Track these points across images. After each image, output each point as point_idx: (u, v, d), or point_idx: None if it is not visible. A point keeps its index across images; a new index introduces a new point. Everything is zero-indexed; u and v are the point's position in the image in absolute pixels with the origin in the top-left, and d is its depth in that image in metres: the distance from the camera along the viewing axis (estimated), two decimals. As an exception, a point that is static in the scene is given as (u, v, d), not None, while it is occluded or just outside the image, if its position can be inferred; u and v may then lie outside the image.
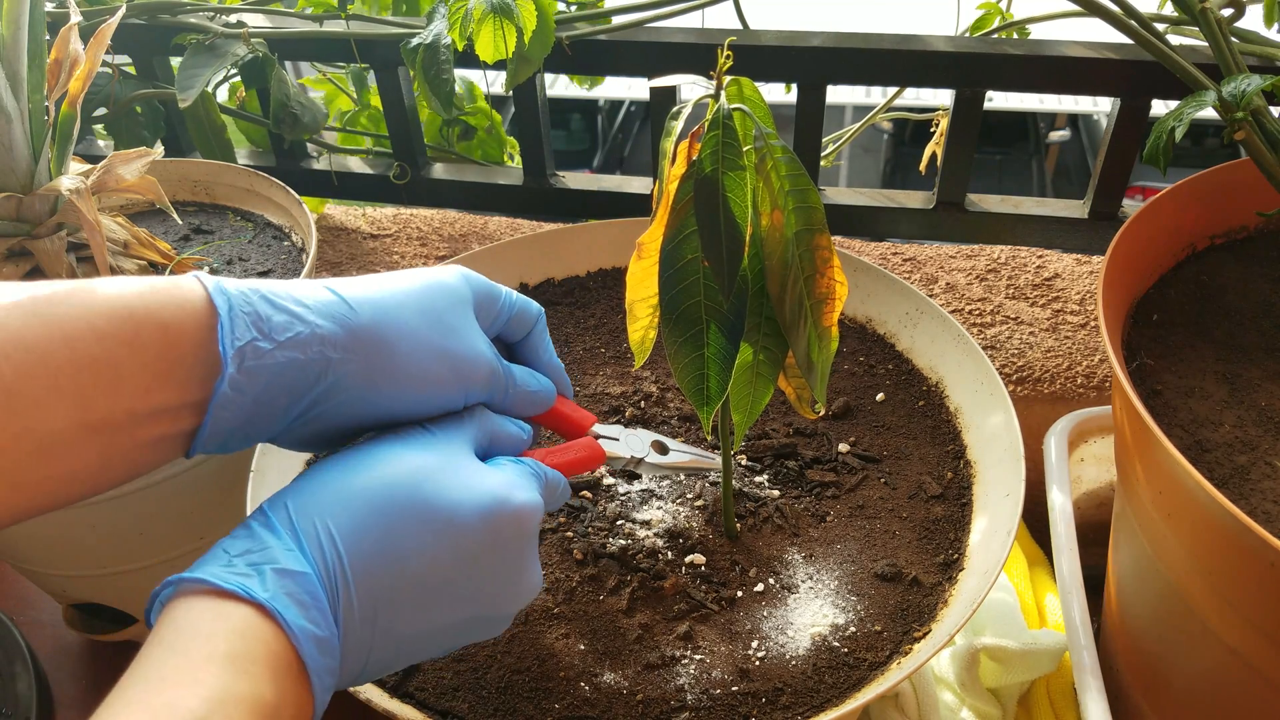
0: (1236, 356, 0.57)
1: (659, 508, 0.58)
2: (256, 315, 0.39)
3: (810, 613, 0.52)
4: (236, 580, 0.35)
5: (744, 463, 0.61)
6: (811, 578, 0.54)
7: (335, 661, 0.36)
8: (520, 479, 0.43)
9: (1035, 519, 0.80)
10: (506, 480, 0.42)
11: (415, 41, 0.77)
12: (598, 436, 0.52)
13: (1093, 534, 0.73)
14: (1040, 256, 0.91)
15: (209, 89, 0.88)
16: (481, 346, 0.46)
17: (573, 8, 0.83)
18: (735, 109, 0.43)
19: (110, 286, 0.37)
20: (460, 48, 0.74)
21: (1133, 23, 0.64)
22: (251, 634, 0.34)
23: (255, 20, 0.86)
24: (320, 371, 0.40)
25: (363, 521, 0.38)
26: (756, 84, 0.47)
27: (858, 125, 0.96)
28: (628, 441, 0.53)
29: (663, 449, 0.54)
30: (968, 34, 0.84)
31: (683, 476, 0.60)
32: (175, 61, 0.83)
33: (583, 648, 0.51)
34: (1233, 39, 0.62)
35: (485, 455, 0.45)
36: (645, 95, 1.56)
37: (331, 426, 0.42)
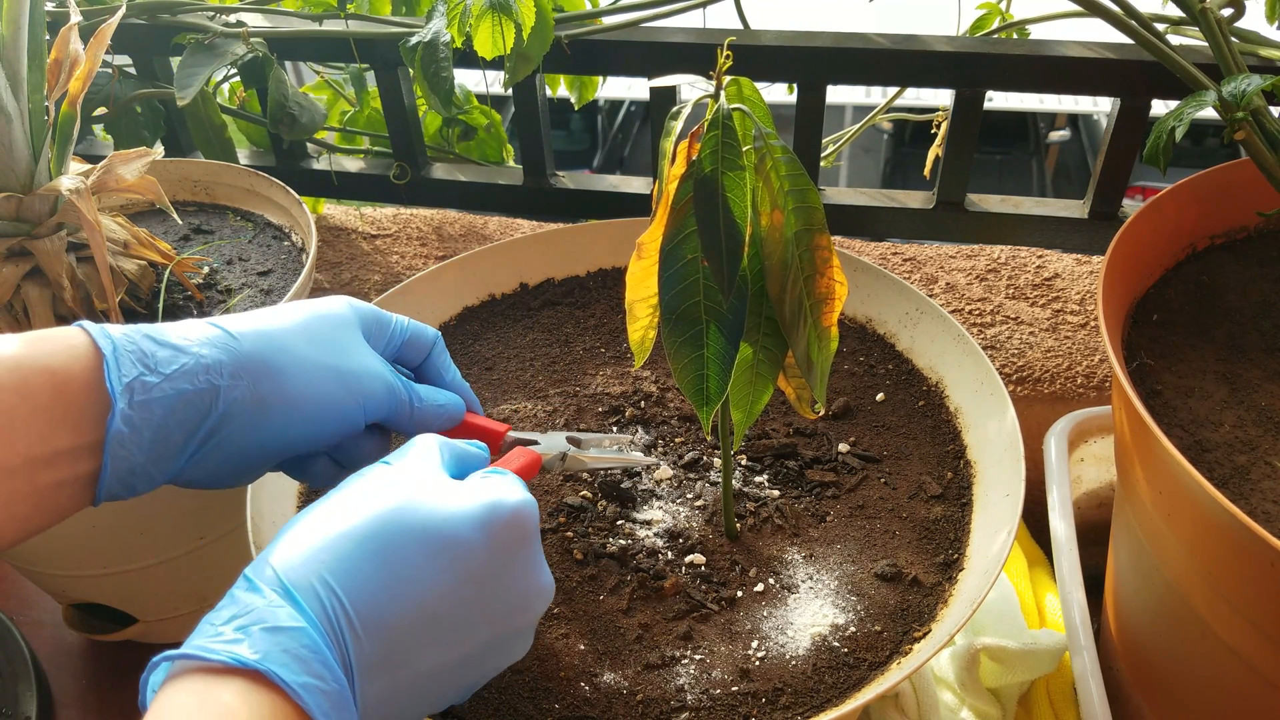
0: (1236, 356, 0.57)
1: (659, 508, 0.58)
2: (141, 352, 0.40)
3: (810, 613, 0.52)
4: (223, 649, 0.32)
5: (744, 463, 0.61)
6: (811, 578, 0.54)
7: (353, 715, 0.34)
8: (505, 483, 0.42)
9: (1035, 519, 0.80)
10: (492, 487, 0.42)
11: (414, 40, 0.77)
12: (517, 441, 0.52)
13: (1093, 534, 0.73)
14: (1040, 256, 0.91)
15: (209, 88, 0.88)
16: (372, 363, 0.46)
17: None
18: (735, 109, 0.43)
19: None
20: (459, 44, 0.74)
21: (1133, 23, 0.64)
22: (249, 707, 0.31)
23: (255, 20, 0.86)
24: (210, 400, 0.41)
25: (358, 562, 0.36)
26: (756, 84, 0.47)
27: (858, 125, 0.96)
28: (547, 443, 0.54)
29: (576, 442, 0.55)
30: (968, 34, 0.84)
31: (682, 477, 0.60)
32: (175, 61, 0.83)
33: (582, 648, 0.51)
34: (1233, 39, 0.62)
35: (456, 477, 0.44)
36: (645, 95, 1.56)
37: (234, 456, 0.43)
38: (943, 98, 0.84)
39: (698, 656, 0.50)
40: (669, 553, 0.55)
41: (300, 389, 0.43)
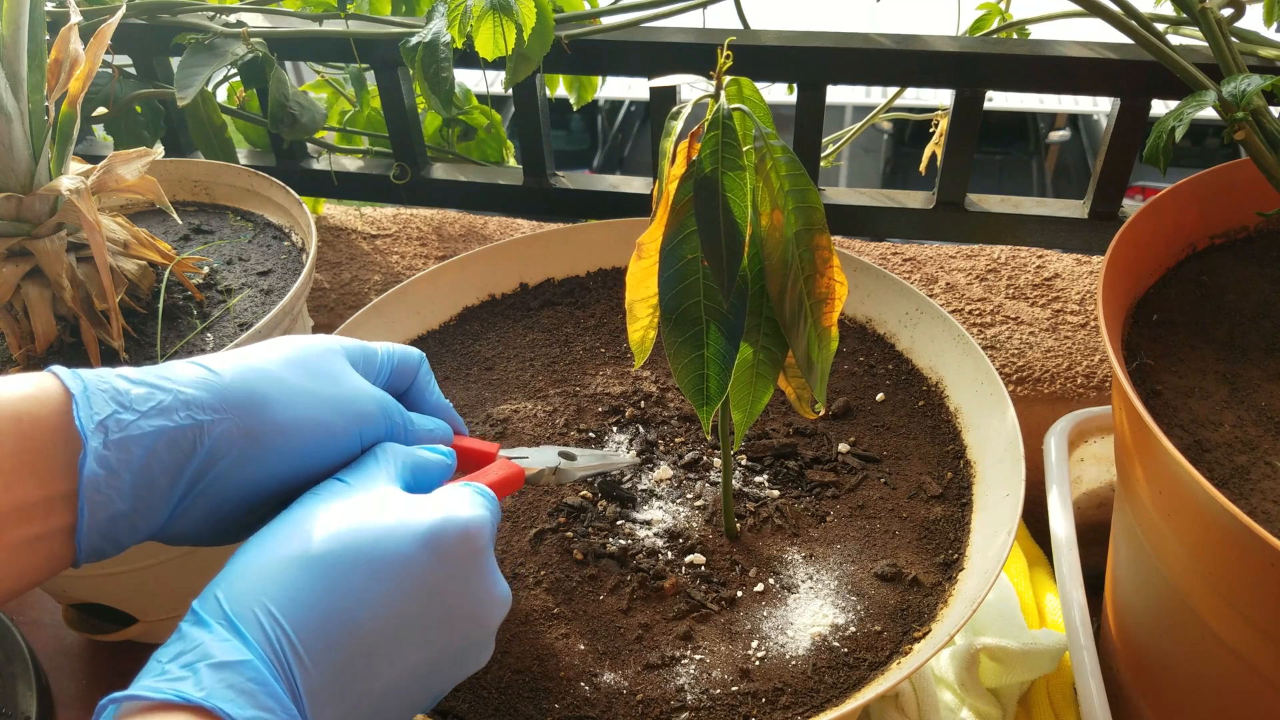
0: (1236, 356, 0.57)
1: (659, 508, 0.58)
2: (115, 390, 0.38)
3: (810, 613, 0.52)
4: (169, 687, 0.32)
5: (744, 463, 0.61)
6: (811, 578, 0.54)
7: None
8: (457, 497, 0.41)
9: (1035, 519, 0.80)
10: (442, 502, 0.40)
11: (414, 40, 0.77)
12: (507, 460, 0.51)
13: (1093, 534, 0.73)
14: (1040, 256, 0.91)
15: (209, 89, 0.88)
16: (365, 386, 0.45)
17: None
18: (735, 109, 0.43)
19: None
20: (459, 45, 0.74)
21: (1133, 23, 0.64)
22: None
23: (255, 20, 0.86)
24: (194, 438, 0.38)
25: (302, 589, 0.36)
26: (756, 84, 0.47)
27: (858, 125, 0.96)
28: (537, 458, 0.53)
29: (570, 456, 0.54)
30: (968, 34, 0.84)
31: (682, 477, 0.60)
32: (175, 61, 0.83)
33: (582, 648, 0.51)
34: (1233, 39, 0.62)
35: (413, 489, 0.43)
36: (645, 95, 1.56)
37: (226, 499, 0.40)
38: (943, 98, 0.84)
39: (698, 656, 0.50)
40: (669, 553, 0.55)
41: (291, 417, 0.41)
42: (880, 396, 0.66)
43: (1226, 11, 0.67)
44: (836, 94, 1.70)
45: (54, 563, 0.37)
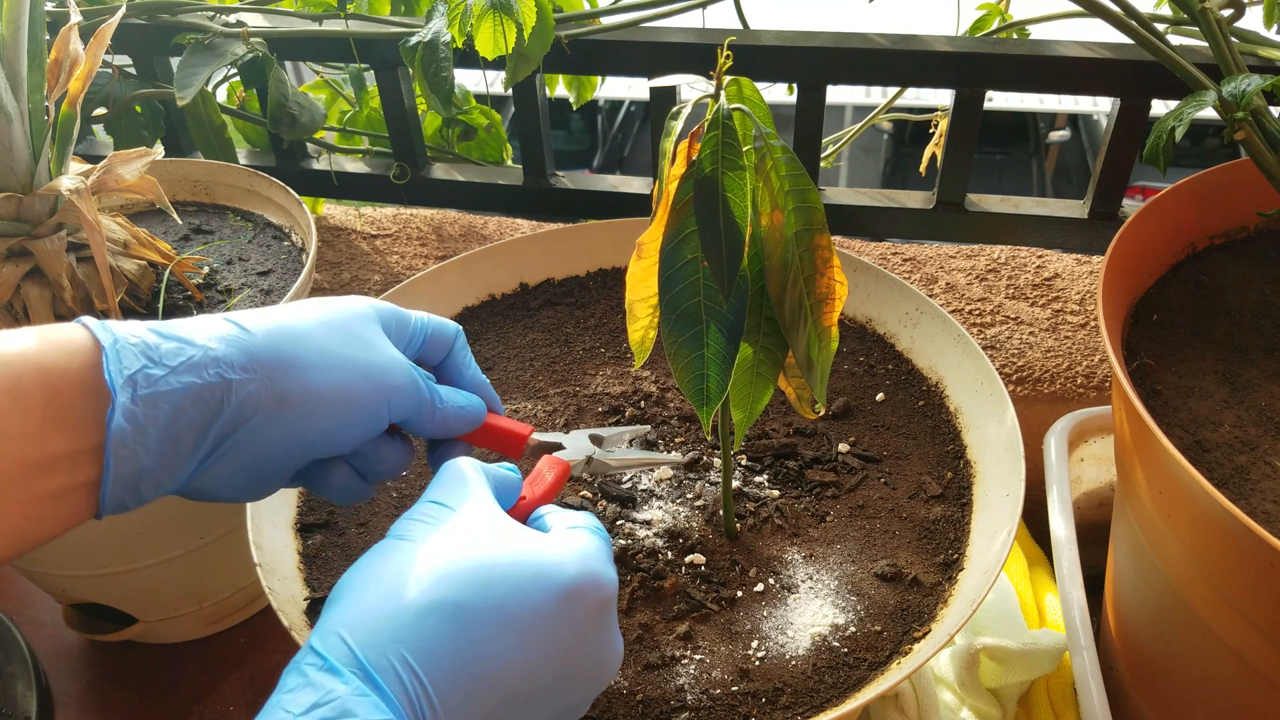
0: (1236, 356, 0.57)
1: (659, 508, 0.58)
2: (145, 345, 0.37)
3: (810, 613, 0.52)
4: None
5: (744, 463, 0.61)
6: (811, 578, 0.54)
7: None
8: (588, 546, 0.39)
9: (1035, 519, 0.80)
10: (576, 548, 0.39)
11: (414, 40, 0.77)
12: (540, 444, 0.50)
13: (1093, 534, 0.73)
14: (1040, 256, 0.91)
15: (209, 89, 0.88)
16: (396, 356, 0.44)
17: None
18: (735, 109, 0.43)
19: None
20: (459, 45, 0.74)
21: (1133, 23, 0.64)
22: None
23: (254, 20, 0.86)
24: (221, 396, 0.38)
25: (441, 641, 0.34)
26: (756, 84, 0.47)
27: (858, 125, 0.96)
28: (571, 444, 0.52)
29: (598, 440, 0.53)
30: (968, 34, 0.84)
31: (682, 477, 0.60)
32: (175, 61, 0.83)
33: (583, 648, 0.51)
34: (1233, 39, 0.62)
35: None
36: (645, 95, 1.56)
37: (250, 460, 0.39)
38: (942, 98, 0.84)
39: (698, 656, 0.50)
40: (669, 553, 0.55)
41: (321, 382, 0.40)
42: (880, 396, 0.66)
43: (1226, 11, 0.67)
44: (836, 94, 1.70)
45: (76, 515, 0.37)
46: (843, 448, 0.62)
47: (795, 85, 0.80)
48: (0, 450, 0.34)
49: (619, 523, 0.57)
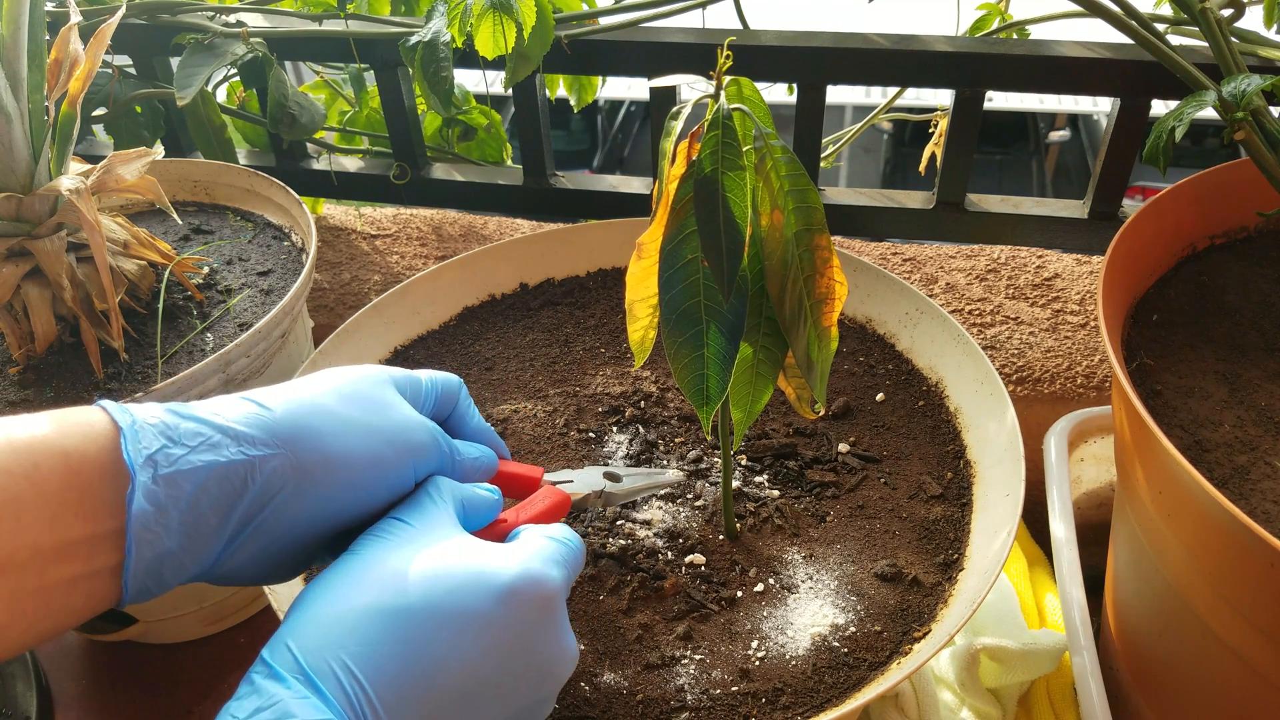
0: (1236, 356, 0.57)
1: (659, 508, 0.58)
2: (164, 425, 0.37)
3: (810, 613, 0.52)
4: None
5: (744, 463, 0.61)
6: (811, 578, 0.54)
7: None
8: (533, 548, 0.40)
9: (1035, 519, 0.80)
10: (518, 554, 0.39)
11: (414, 40, 0.77)
12: (554, 484, 0.51)
13: (1093, 534, 0.73)
14: (1040, 256, 0.91)
15: (209, 88, 0.88)
16: (415, 415, 0.44)
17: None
18: (735, 109, 0.43)
19: (5, 424, 0.35)
20: (459, 45, 0.74)
21: (1133, 23, 0.64)
22: None
23: (254, 20, 0.86)
24: (246, 474, 0.37)
25: (380, 644, 0.35)
26: (756, 84, 0.47)
27: (858, 125, 0.96)
28: (581, 480, 0.52)
29: (615, 478, 0.54)
30: (968, 34, 0.84)
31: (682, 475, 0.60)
32: (175, 61, 0.83)
33: (582, 648, 0.51)
34: (1233, 39, 0.62)
35: (466, 527, 0.43)
36: (645, 95, 1.56)
37: (278, 538, 0.39)
38: (942, 98, 0.84)
39: (698, 656, 0.50)
40: (669, 553, 0.55)
41: (344, 450, 0.40)
42: (880, 396, 0.66)
43: (1226, 11, 0.67)
44: (836, 94, 1.70)
45: (97, 602, 0.36)
46: (843, 448, 0.62)
47: (795, 85, 0.80)
48: (16, 535, 0.33)
49: (619, 523, 0.57)
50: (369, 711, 0.34)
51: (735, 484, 0.59)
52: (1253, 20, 0.69)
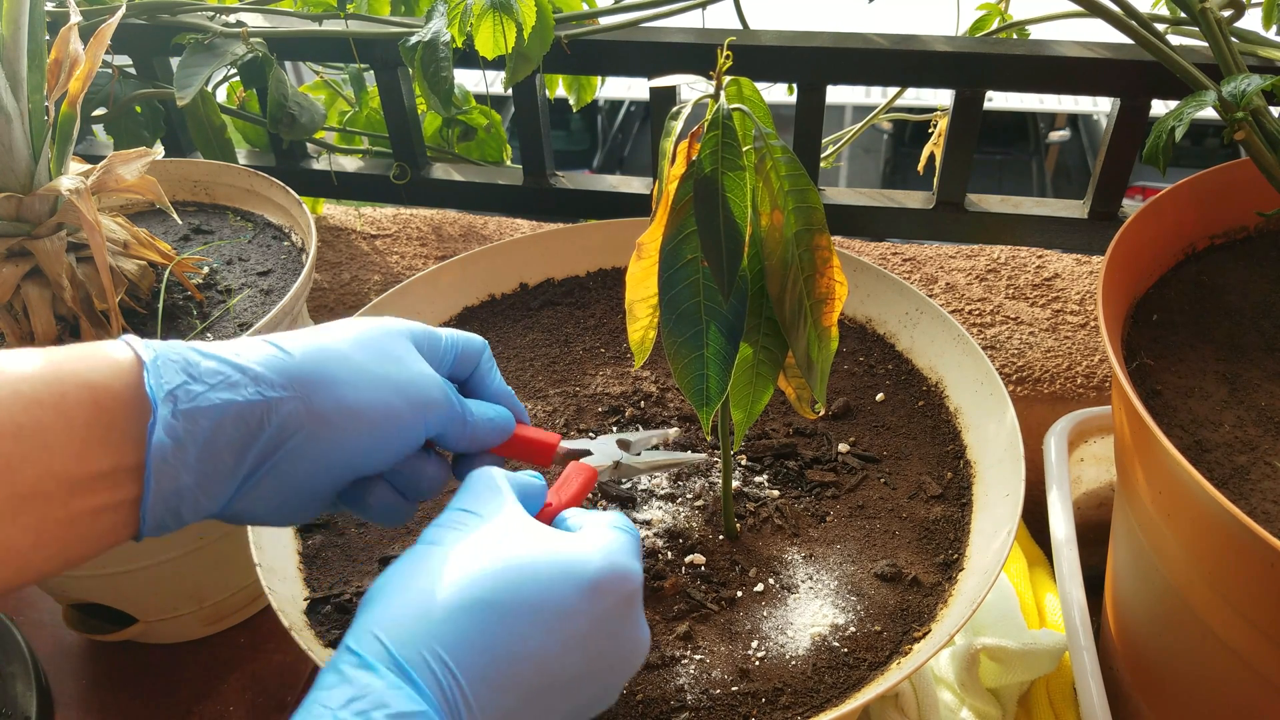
0: (1236, 356, 0.57)
1: (659, 508, 0.58)
2: (186, 362, 0.37)
3: (810, 613, 0.52)
4: None
5: (744, 463, 0.61)
6: (811, 578, 0.54)
7: None
8: (613, 541, 0.40)
9: (1035, 519, 0.80)
10: (600, 544, 0.40)
11: (414, 40, 0.77)
12: (569, 452, 0.50)
13: (1093, 534, 0.73)
14: (1040, 256, 0.91)
15: (209, 88, 0.88)
16: (429, 372, 0.44)
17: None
18: (735, 109, 0.43)
19: (33, 354, 0.35)
20: (459, 44, 0.74)
21: (1133, 23, 0.64)
22: None
23: (254, 20, 0.86)
24: (262, 415, 0.38)
25: (473, 637, 0.35)
26: (756, 84, 0.47)
27: (858, 125, 0.96)
28: (599, 450, 0.52)
29: (626, 445, 0.53)
30: (968, 34, 0.84)
31: (681, 476, 0.60)
32: (175, 61, 0.83)
33: (582, 648, 0.51)
34: (1233, 39, 0.62)
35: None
36: (645, 95, 1.56)
37: (291, 482, 0.40)
38: (942, 98, 0.84)
39: (698, 656, 0.50)
40: (669, 553, 0.55)
41: (358, 399, 0.40)
42: (880, 396, 0.66)
43: (1226, 12, 0.67)
44: (836, 94, 1.70)
45: (117, 533, 0.37)
46: (843, 448, 0.62)
47: (795, 85, 0.80)
48: (45, 465, 0.34)
49: (619, 523, 0.57)
50: (461, 703, 0.34)
51: (735, 484, 0.59)
52: (1253, 20, 0.69)
